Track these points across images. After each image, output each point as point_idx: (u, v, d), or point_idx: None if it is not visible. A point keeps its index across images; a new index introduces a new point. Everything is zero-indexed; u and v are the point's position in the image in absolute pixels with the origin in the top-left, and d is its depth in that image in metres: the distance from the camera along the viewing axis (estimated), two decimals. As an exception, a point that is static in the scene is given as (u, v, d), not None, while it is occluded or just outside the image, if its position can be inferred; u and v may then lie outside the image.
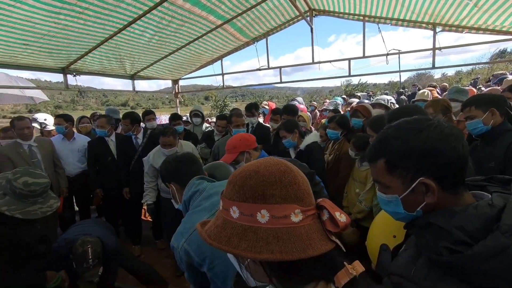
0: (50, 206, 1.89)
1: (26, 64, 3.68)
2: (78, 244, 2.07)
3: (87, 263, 2.04)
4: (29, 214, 1.78)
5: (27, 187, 1.78)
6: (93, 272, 2.08)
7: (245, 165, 0.65)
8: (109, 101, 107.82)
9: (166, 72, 5.56)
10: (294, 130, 2.68)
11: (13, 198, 1.77)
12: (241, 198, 0.59)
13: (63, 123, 3.67)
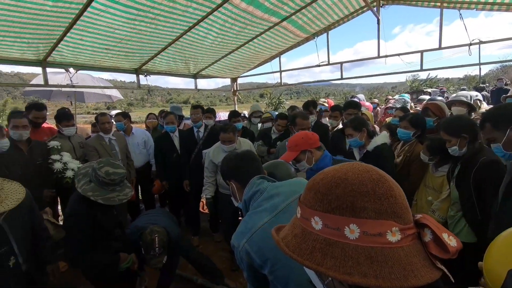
0: (125, 194, 2.08)
1: (106, 66, 4.14)
2: (147, 233, 2.24)
3: (153, 251, 2.19)
4: (108, 201, 1.98)
5: (108, 176, 1.98)
6: (159, 259, 2.24)
7: (328, 170, 0.58)
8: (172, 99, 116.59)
9: (226, 70, 5.73)
10: (362, 128, 2.43)
11: (97, 185, 2.00)
12: (325, 208, 0.53)
13: (122, 119, 4.03)
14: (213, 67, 5.41)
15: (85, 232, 2.01)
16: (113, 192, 2.02)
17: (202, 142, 3.91)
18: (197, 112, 3.96)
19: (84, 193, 1.95)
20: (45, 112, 3.62)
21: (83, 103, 5.74)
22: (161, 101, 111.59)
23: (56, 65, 3.65)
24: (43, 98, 5.38)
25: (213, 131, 3.93)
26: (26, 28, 2.78)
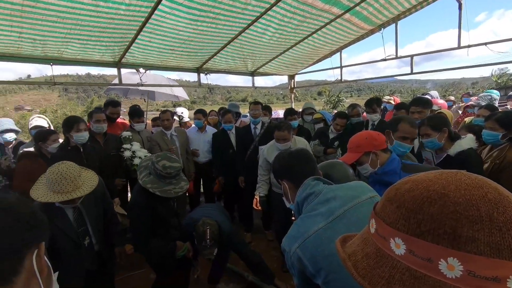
0: (181, 188, 2.17)
1: (171, 66, 4.41)
2: (200, 224, 2.32)
3: (205, 242, 2.26)
4: (165, 193, 2.08)
5: (165, 169, 2.09)
6: (210, 251, 2.31)
7: (417, 179, 0.45)
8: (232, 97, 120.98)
9: (283, 67, 5.65)
10: (443, 128, 2.08)
11: (155, 178, 2.12)
12: (411, 229, 0.41)
13: (202, 118, 4.23)
14: (271, 65, 5.37)
15: (146, 221, 2.14)
16: (169, 185, 2.12)
17: (258, 139, 3.91)
18: (257, 108, 3.97)
19: (144, 185, 2.08)
20: (119, 108, 4.02)
21: (153, 101, 6.25)
22: (221, 99, 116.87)
23: (128, 66, 4.02)
24: (121, 96, 6.02)
25: (269, 128, 3.90)
26: (104, 32, 3.10)
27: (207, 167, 4.27)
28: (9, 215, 0.58)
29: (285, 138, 3.02)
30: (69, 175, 1.78)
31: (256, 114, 3.96)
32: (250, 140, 3.96)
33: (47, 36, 2.91)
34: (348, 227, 1.08)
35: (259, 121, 4.02)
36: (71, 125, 2.72)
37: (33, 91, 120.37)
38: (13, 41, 2.86)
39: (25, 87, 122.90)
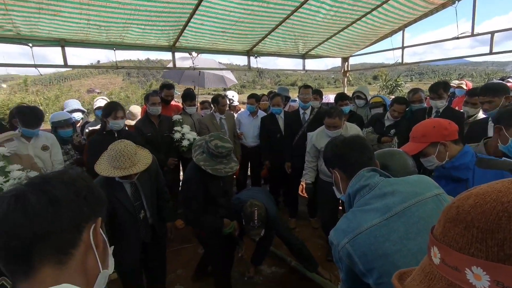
0: (231, 168, 2.22)
1: (221, 49, 4.43)
2: (248, 205, 2.36)
3: (253, 222, 2.31)
4: (216, 171, 2.15)
5: (217, 148, 2.14)
6: (257, 232, 2.36)
7: (479, 191, 0.37)
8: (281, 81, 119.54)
9: (336, 49, 5.31)
10: None
11: (208, 157, 2.19)
12: (492, 254, 0.33)
13: (254, 103, 4.23)
14: (323, 46, 5.08)
15: (198, 196, 2.25)
16: (220, 164, 2.18)
17: (307, 124, 3.78)
18: (307, 92, 3.82)
19: (197, 162, 2.17)
20: (173, 91, 4.21)
21: (204, 88, 6.41)
22: (270, 83, 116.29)
23: (182, 50, 4.14)
24: (174, 81, 6.31)
25: (319, 114, 3.74)
26: (160, 16, 3.21)
27: (256, 151, 4.29)
28: (70, 189, 0.60)
29: (336, 126, 2.86)
30: (127, 152, 1.92)
31: (306, 99, 3.81)
32: (298, 125, 3.85)
33: (110, 22, 3.12)
34: (407, 227, 0.96)
35: (309, 106, 3.86)
36: (109, 112, 2.81)
37: (102, 76, 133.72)
38: (82, 28, 3.12)
39: (96, 72, 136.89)
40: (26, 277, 0.55)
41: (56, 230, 0.57)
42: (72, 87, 38.13)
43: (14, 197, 0.56)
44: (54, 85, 31.81)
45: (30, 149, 2.70)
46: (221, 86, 6.61)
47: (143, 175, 2.14)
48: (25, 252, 0.54)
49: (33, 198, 0.56)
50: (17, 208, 0.54)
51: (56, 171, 0.64)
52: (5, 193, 0.58)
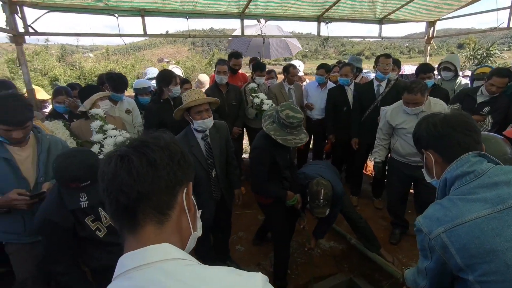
0: (301, 139, 2.17)
1: (291, 15, 4.21)
2: (314, 183, 2.32)
3: (318, 201, 2.28)
4: (286, 142, 2.13)
5: (288, 118, 2.09)
6: (322, 210, 2.33)
7: None
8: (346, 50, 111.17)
9: (423, 11, 4.59)
10: None
11: (278, 126, 2.17)
12: None
13: (324, 74, 4.00)
14: (406, 8, 4.44)
15: (265, 163, 2.27)
16: (290, 135, 2.14)
17: (381, 98, 3.46)
18: (387, 61, 3.42)
19: (267, 132, 2.16)
20: (241, 60, 4.21)
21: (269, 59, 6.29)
22: (333, 53, 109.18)
23: (251, 17, 4.05)
24: (235, 48, 6.32)
25: (396, 86, 3.37)
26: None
27: (320, 124, 4.14)
28: (165, 153, 0.63)
29: (417, 102, 2.54)
30: (196, 91, 2.16)
31: (387, 70, 3.41)
32: (371, 98, 3.53)
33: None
34: None
35: (387, 77, 3.49)
36: (169, 80, 2.86)
37: (170, 45, 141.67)
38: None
39: (164, 42, 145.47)
40: (132, 232, 0.60)
41: (156, 191, 0.60)
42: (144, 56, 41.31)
43: (119, 157, 0.59)
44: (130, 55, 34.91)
45: (116, 112, 3.03)
46: (286, 55, 6.39)
47: (215, 136, 2.28)
48: (131, 209, 0.59)
49: (136, 159, 0.59)
50: (123, 167, 0.58)
51: (153, 135, 0.66)
52: (111, 153, 0.62)
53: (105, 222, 1.66)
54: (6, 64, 15.93)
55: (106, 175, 0.59)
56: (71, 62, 21.95)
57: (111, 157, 0.60)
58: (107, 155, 0.62)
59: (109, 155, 0.61)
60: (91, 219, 1.63)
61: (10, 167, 1.71)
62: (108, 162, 0.60)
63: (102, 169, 0.60)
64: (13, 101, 1.60)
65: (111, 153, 0.62)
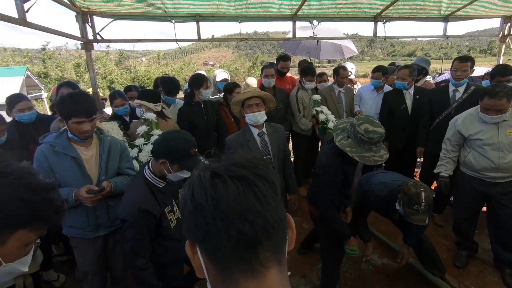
0: (381, 156, 1.88)
1: (345, 15, 4.00)
2: (411, 185, 1.99)
3: (419, 205, 1.93)
4: (364, 159, 1.85)
5: (367, 133, 1.82)
6: (422, 217, 1.95)
7: None
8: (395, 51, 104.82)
9: (499, 5, 4.06)
10: None
11: (354, 142, 1.89)
12: None
13: (381, 77, 3.76)
14: (477, 3, 3.97)
15: (336, 185, 2.06)
16: (369, 151, 1.86)
17: (457, 105, 3.06)
18: (465, 66, 2.96)
19: (342, 148, 1.90)
20: (289, 62, 4.12)
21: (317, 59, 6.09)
22: (381, 54, 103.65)
23: (303, 18, 3.94)
24: (290, 52, 6.22)
25: (476, 93, 2.91)
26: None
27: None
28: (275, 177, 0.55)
29: (501, 109, 2.21)
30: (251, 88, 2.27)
31: (463, 75, 2.98)
32: (444, 104, 3.16)
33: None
34: None
35: (464, 82, 3.06)
36: (201, 83, 2.91)
37: (215, 49, 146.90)
38: (212, 2, 3.29)
39: (210, 46, 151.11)
40: (252, 277, 0.47)
41: (281, 221, 0.50)
42: (191, 60, 43.34)
43: (236, 179, 0.48)
44: (178, 59, 36.94)
45: (169, 115, 3.13)
46: (338, 57, 6.14)
47: (272, 134, 2.25)
48: (255, 244, 0.47)
49: (259, 182, 0.49)
50: (249, 191, 0.47)
51: (246, 156, 0.55)
52: (207, 175, 0.50)
53: (176, 214, 1.82)
54: (74, 68, 17.79)
55: (224, 200, 0.46)
56: (126, 66, 23.82)
57: (222, 178, 0.49)
58: (200, 177, 0.50)
59: (209, 176, 0.50)
60: (168, 210, 1.77)
61: (77, 165, 1.82)
62: (220, 185, 0.48)
63: (208, 193, 0.48)
64: (80, 97, 1.74)
65: (206, 174, 0.50)
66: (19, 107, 2.61)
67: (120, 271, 2.17)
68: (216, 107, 3.22)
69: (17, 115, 2.62)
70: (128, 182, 1.99)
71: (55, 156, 1.79)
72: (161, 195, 1.73)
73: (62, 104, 1.72)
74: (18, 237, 0.74)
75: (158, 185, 1.73)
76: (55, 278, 2.67)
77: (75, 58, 19.39)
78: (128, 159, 2.11)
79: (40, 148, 1.80)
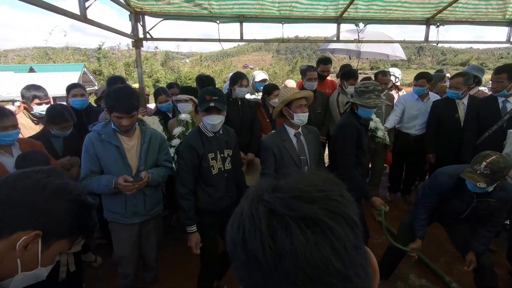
0: (380, 101, 2.32)
1: (395, 17, 3.80)
2: (487, 151, 1.94)
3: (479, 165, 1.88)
4: (366, 103, 2.27)
5: (363, 85, 2.34)
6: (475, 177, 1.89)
7: None
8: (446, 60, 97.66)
9: None
10: None
11: (357, 96, 2.36)
12: None
13: (426, 84, 3.53)
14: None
15: (353, 142, 2.32)
16: (369, 99, 2.29)
17: (509, 116, 2.80)
18: (501, 78, 2.78)
19: (352, 101, 2.37)
20: (330, 66, 4.00)
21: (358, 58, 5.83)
22: (430, 62, 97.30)
23: (349, 21, 3.81)
24: (329, 52, 6.06)
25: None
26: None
27: (420, 140, 3.62)
28: None
29: None
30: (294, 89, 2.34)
31: (499, 87, 2.78)
32: (493, 117, 2.89)
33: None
34: None
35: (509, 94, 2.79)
36: (236, 80, 3.01)
37: (255, 53, 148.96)
38: (258, 1, 3.30)
39: (250, 49, 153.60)
40: None
41: (365, 274, 0.39)
42: (232, 62, 44.34)
43: (302, 222, 0.35)
44: (219, 61, 38.02)
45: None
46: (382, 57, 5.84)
47: (308, 136, 2.25)
48: None
49: (335, 226, 0.36)
50: (323, 242, 0.34)
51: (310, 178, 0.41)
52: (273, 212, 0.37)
53: (218, 164, 2.07)
54: (124, 67, 19.10)
55: (288, 257, 0.34)
56: (171, 67, 25.00)
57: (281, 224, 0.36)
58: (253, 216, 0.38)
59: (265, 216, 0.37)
60: (211, 156, 2.03)
61: (119, 154, 1.92)
62: (281, 232, 0.35)
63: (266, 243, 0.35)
64: (125, 92, 1.84)
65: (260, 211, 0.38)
66: (73, 93, 2.88)
67: (152, 259, 2.24)
68: (253, 107, 3.25)
69: (71, 100, 2.88)
70: (164, 173, 2.07)
71: (101, 144, 1.90)
72: (208, 142, 2.04)
73: (107, 98, 1.84)
74: (59, 245, 0.79)
75: (207, 134, 2.05)
76: (93, 260, 2.84)
77: (125, 58, 20.80)
78: (166, 151, 2.19)
79: (89, 136, 1.94)
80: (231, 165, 2.17)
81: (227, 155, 2.13)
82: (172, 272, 2.71)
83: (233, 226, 0.41)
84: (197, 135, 2.04)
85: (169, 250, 3.04)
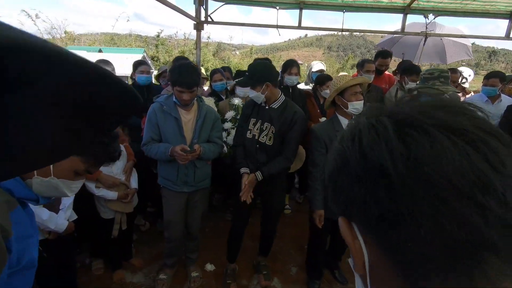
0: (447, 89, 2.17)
1: (471, 9, 3.43)
2: None
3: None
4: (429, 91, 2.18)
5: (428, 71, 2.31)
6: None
7: None
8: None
9: None
10: None
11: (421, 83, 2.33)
12: None
13: (497, 84, 3.17)
14: None
15: None
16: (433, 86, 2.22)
17: None
18: None
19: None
20: (389, 60, 3.77)
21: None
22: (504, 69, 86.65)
23: (417, 11, 3.54)
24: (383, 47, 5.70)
25: None
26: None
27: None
28: None
29: None
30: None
31: None
32: None
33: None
34: None
35: None
36: (286, 68, 3.11)
37: (305, 48, 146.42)
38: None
39: (301, 45, 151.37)
40: None
41: None
42: (281, 57, 44.02)
43: (449, 131, 0.28)
44: (269, 54, 38.05)
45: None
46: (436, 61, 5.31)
47: None
48: (485, 244, 0.26)
49: (488, 138, 0.28)
50: (476, 152, 0.27)
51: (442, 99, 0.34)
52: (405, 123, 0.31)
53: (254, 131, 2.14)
54: (179, 54, 20.11)
55: (430, 163, 0.27)
56: (222, 57, 25.64)
57: (418, 131, 0.29)
58: (373, 126, 0.32)
59: (393, 125, 0.31)
60: (253, 121, 2.14)
61: (177, 125, 2.06)
62: (421, 139, 0.28)
63: (398, 150, 0.29)
64: (187, 70, 1.95)
65: (385, 122, 0.32)
66: (140, 69, 3.14)
67: (195, 229, 2.37)
68: (303, 95, 3.23)
69: (138, 76, 3.13)
70: (215, 149, 2.16)
71: (162, 114, 2.06)
72: (257, 108, 2.15)
73: (172, 72, 1.98)
74: (71, 160, 0.89)
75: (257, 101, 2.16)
76: (143, 224, 3.09)
77: (180, 46, 21.85)
78: (218, 129, 2.29)
79: (153, 106, 2.10)
80: (272, 142, 2.09)
81: (265, 128, 2.11)
82: (210, 245, 2.83)
83: (342, 142, 0.36)
84: (252, 101, 2.19)
85: (209, 225, 3.18)
